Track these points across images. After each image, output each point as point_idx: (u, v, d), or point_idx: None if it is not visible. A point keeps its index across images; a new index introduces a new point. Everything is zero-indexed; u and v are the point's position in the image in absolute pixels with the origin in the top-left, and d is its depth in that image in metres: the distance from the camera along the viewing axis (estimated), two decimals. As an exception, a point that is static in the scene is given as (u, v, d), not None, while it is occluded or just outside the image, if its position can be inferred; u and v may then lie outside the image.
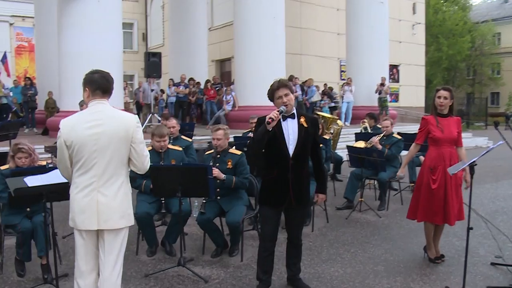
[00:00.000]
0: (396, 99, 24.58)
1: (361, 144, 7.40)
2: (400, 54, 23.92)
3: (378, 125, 9.32)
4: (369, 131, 8.80)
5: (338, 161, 9.21)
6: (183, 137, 6.80)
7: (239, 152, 4.96)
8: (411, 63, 25.01)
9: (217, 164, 4.90)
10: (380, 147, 6.98)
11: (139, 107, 16.81)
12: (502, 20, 41.06)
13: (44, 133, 13.28)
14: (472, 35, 37.27)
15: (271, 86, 3.73)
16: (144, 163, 3.15)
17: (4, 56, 25.89)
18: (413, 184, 8.21)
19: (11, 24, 28.31)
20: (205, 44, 19.02)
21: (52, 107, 15.23)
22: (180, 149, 5.31)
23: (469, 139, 17.00)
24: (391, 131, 7.30)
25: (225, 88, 15.75)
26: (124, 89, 17.16)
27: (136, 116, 3.18)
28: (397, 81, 24.55)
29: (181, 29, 18.05)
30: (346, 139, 13.24)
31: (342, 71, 22.13)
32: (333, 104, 17.70)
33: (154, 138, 5.03)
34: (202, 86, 16.29)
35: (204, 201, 4.82)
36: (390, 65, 20.58)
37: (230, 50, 18.92)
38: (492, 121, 5.22)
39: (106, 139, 2.98)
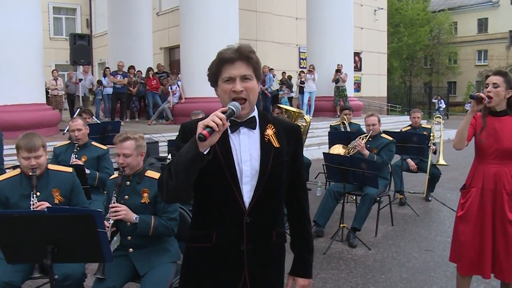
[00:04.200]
0: (358, 89, 23.20)
1: (339, 149, 5.64)
2: (361, 41, 22.50)
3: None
4: (347, 128, 7.05)
5: (307, 165, 7.41)
6: (94, 143, 4.84)
7: (161, 177, 3.04)
8: (373, 50, 23.68)
9: (126, 197, 2.98)
10: (367, 153, 5.21)
11: (72, 101, 14.51)
12: (458, 9, 40.93)
13: None
14: (430, 25, 36.86)
15: (218, 55, 1.79)
16: None
17: None
18: (402, 197, 6.58)
19: None
20: (150, 30, 16.84)
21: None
22: (69, 170, 3.28)
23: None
24: (378, 130, 5.51)
25: (169, 77, 13.73)
26: (56, 79, 15.00)
27: None
28: (360, 70, 23.13)
29: (123, 12, 15.76)
30: (312, 135, 11.63)
31: (301, 58, 20.49)
32: (292, 95, 16.01)
33: (20, 153, 3.02)
34: (144, 75, 14.19)
35: (102, 260, 2.90)
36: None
37: (179, 36, 16.96)
38: (454, 111, 3.60)
39: None
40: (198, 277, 1.86)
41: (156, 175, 3.03)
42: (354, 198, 6.05)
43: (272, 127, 1.86)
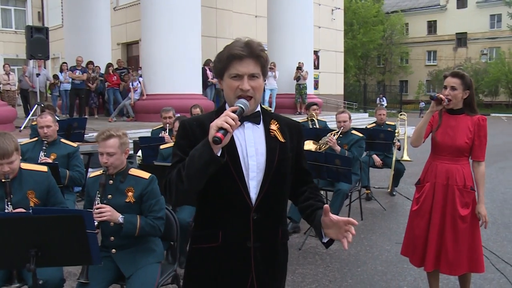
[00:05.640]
0: (316, 87, 23.52)
1: (309, 145, 5.69)
2: (319, 40, 22.83)
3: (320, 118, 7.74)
4: (316, 125, 7.11)
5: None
6: (63, 140, 4.67)
7: (146, 175, 2.95)
8: (330, 49, 24.08)
9: (109, 197, 2.89)
10: (338, 148, 5.30)
11: (26, 96, 13.96)
12: (410, 11, 42.36)
13: None
14: (384, 26, 37.97)
15: (226, 49, 1.74)
16: None
17: None
18: (369, 191, 6.74)
19: None
20: (108, 24, 16.40)
21: None
22: (45, 169, 3.12)
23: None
24: (349, 126, 5.60)
25: (131, 73, 13.44)
26: (8, 74, 14.39)
27: None
28: (317, 68, 23.47)
29: (79, 5, 15.23)
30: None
31: (261, 56, 20.53)
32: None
33: (-9, 158, 2.82)
34: (103, 71, 13.83)
35: (86, 261, 2.80)
36: (311, 51, 19.37)
37: (137, 32, 16.55)
38: (406, 109, 3.75)
39: None
40: (204, 277, 1.82)
41: (140, 173, 2.96)
42: (324, 193, 6.12)
43: (276, 122, 1.86)
